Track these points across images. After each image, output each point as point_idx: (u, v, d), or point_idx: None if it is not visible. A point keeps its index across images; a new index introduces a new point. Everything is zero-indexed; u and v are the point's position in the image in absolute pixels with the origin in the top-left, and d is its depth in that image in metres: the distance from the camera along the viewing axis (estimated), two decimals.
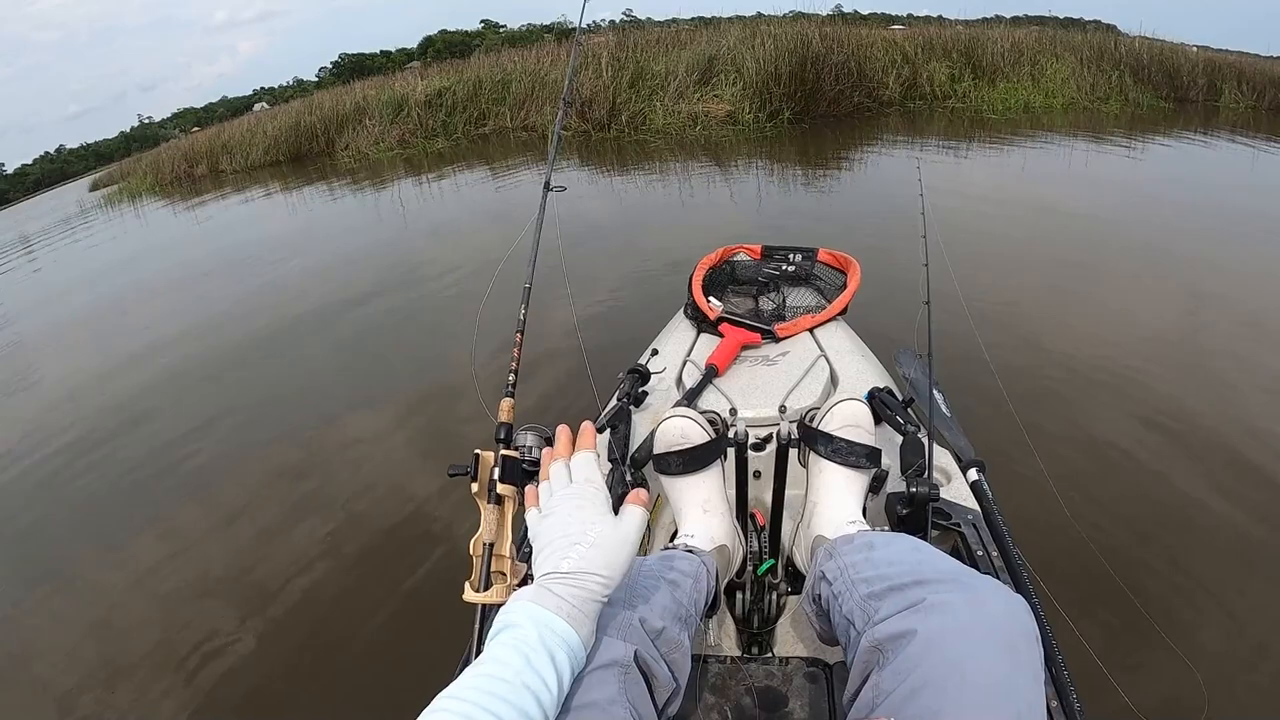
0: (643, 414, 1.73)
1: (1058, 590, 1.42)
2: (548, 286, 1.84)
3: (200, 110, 27.67)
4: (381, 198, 8.76)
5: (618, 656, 0.80)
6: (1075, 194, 6.32)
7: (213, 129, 17.02)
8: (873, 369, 1.86)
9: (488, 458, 1.13)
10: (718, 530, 1.23)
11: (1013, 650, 0.77)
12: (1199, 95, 11.54)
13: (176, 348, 4.71)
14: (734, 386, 1.71)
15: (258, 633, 2.13)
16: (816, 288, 2.31)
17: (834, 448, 1.23)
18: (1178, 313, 3.74)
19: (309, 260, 6.49)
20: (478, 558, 1.08)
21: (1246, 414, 2.76)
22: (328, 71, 26.08)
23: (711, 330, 2.01)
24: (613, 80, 9.55)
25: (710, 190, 6.91)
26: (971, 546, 1.36)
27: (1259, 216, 5.58)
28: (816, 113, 9.21)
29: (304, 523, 2.61)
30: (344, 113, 12.08)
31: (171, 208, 11.81)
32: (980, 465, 1.55)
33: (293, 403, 3.65)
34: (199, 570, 2.49)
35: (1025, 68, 10.36)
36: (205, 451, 3.26)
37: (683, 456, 1.24)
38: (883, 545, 1.02)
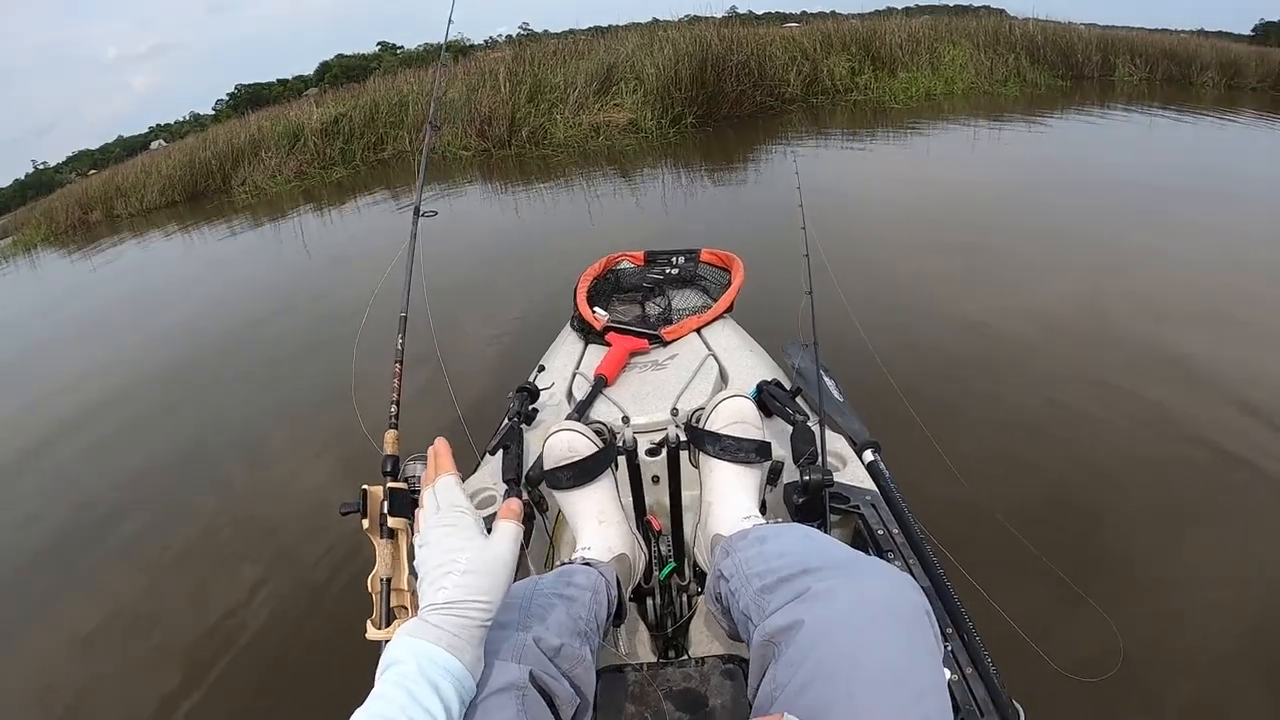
0: (534, 431, 1.71)
1: (965, 559, 1.42)
2: (433, 312, 1.84)
3: (96, 152, 26.41)
4: (281, 232, 8.36)
5: (512, 679, 0.79)
6: (970, 177, 6.46)
7: (107, 171, 16.15)
8: (761, 363, 1.88)
9: (376, 492, 1.10)
10: (615, 540, 1.23)
11: (903, 629, 0.76)
12: (1094, 71, 11.80)
13: (63, 400, 4.47)
14: (625, 394, 1.73)
15: (160, 687, 2.06)
16: (702, 288, 2.33)
17: (722, 446, 1.22)
18: (1064, 284, 3.83)
19: (196, 305, 6.19)
20: (376, 594, 1.07)
21: (1135, 378, 2.86)
22: (224, 104, 25.17)
23: (599, 340, 2.01)
24: (511, 95, 9.23)
25: (616, 200, 6.76)
26: (872, 527, 1.36)
27: (1149, 185, 5.74)
28: (720, 115, 9.05)
29: (204, 577, 2.54)
30: (239, 146, 11.48)
31: (68, 257, 11.10)
32: (875, 446, 1.57)
33: (185, 452, 3.51)
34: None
35: (924, 56, 10.41)
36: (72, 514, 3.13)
37: (572, 469, 1.24)
38: (774, 538, 1.01)
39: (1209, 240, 4.43)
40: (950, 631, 1.14)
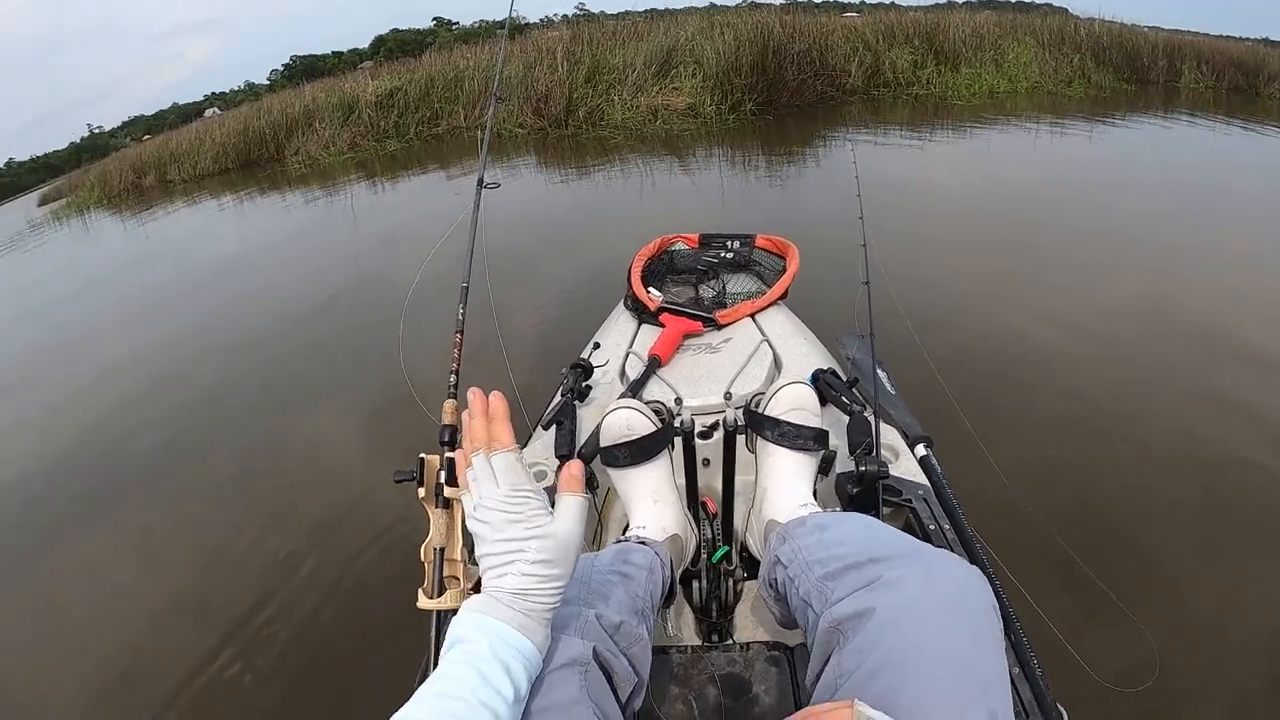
0: (587, 408, 1.71)
1: (1010, 561, 1.44)
2: (491, 285, 1.85)
3: (151, 118, 26.68)
4: (334, 204, 8.36)
5: (576, 655, 0.79)
6: (1031, 176, 6.26)
7: (161, 137, 16.31)
8: (816, 351, 1.87)
9: (433, 461, 1.08)
10: (669, 520, 1.23)
11: (972, 622, 0.76)
12: (1159, 76, 11.42)
13: (126, 368, 4.48)
14: (678, 376, 1.72)
15: (214, 648, 2.07)
16: (756, 273, 2.30)
17: (781, 432, 1.22)
18: (1123, 289, 3.73)
19: (254, 276, 6.19)
20: (429, 563, 1.05)
21: (1184, 386, 2.81)
22: (279, 74, 25.20)
23: (652, 321, 2.00)
24: (569, 75, 9.13)
25: (672, 184, 6.66)
26: (924, 521, 1.36)
27: (1216, 196, 5.50)
28: (780, 103, 8.89)
29: (260, 539, 2.54)
30: (293, 116, 11.51)
31: (121, 221, 11.22)
32: (928, 441, 1.56)
33: (241, 419, 3.54)
34: (159, 588, 2.45)
35: (987, 52, 10.12)
36: (155, 473, 3.16)
37: (629, 448, 1.23)
38: (834, 525, 1.01)
39: (1273, 254, 4.28)
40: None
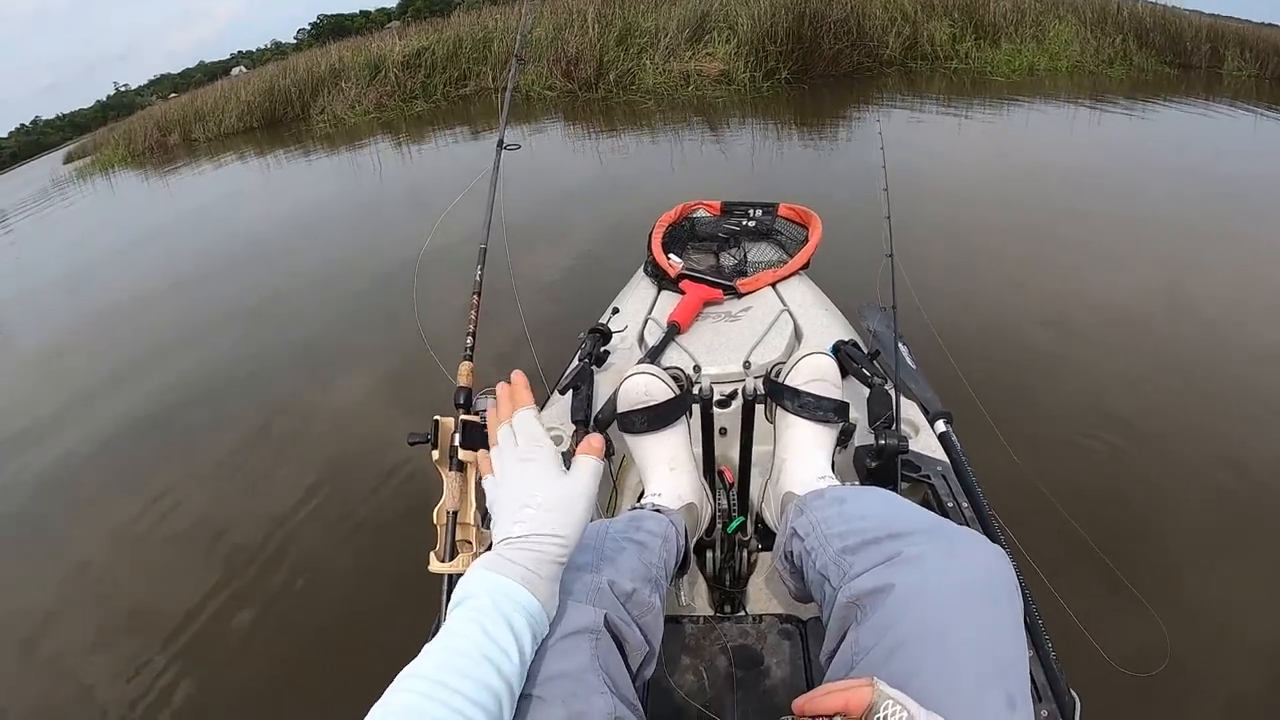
0: (605, 373, 1.70)
1: (1025, 542, 1.41)
2: (510, 247, 1.79)
3: (177, 76, 26.56)
4: (359, 163, 8.29)
5: (588, 623, 0.77)
6: (1065, 159, 6.05)
7: (187, 96, 16.19)
8: (837, 323, 1.84)
9: (448, 424, 1.07)
10: (685, 488, 1.21)
11: (993, 601, 0.74)
12: (1202, 61, 11.07)
13: (140, 324, 4.58)
14: (697, 343, 1.69)
15: (229, 604, 2.10)
16: (778, 242, 2.26)
17: (801, 402, 1.20)
18: (1148, 276, 3.64)
19: (271, 232, 6.23)
20: (442, 526, 1.05)
21: (1204, 377, 2.76)
22: (306, 33, 24.95)
23: (672, 287, 1.98)
24: (600, 37, 8.90)
25: (702, 151, 6.51)
26: (942, 498, 1.35)
27: (1253, 188, 5.25)
28: (815, 72, 8.63)
29: (269, 495, 2.54)
30: (319, 75, 11.38)
31: (145, 180, 11.17)
32: (948, 417, 1.55)
33: (256, 376, 3.54)
34: (175, 532, 2.48)
35: (1028, 28, 9.79)
36: (177, 424, 3.22)
37: (647, 414, 1.20)
38: (854, 499, 0.99)
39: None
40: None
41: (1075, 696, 1.00)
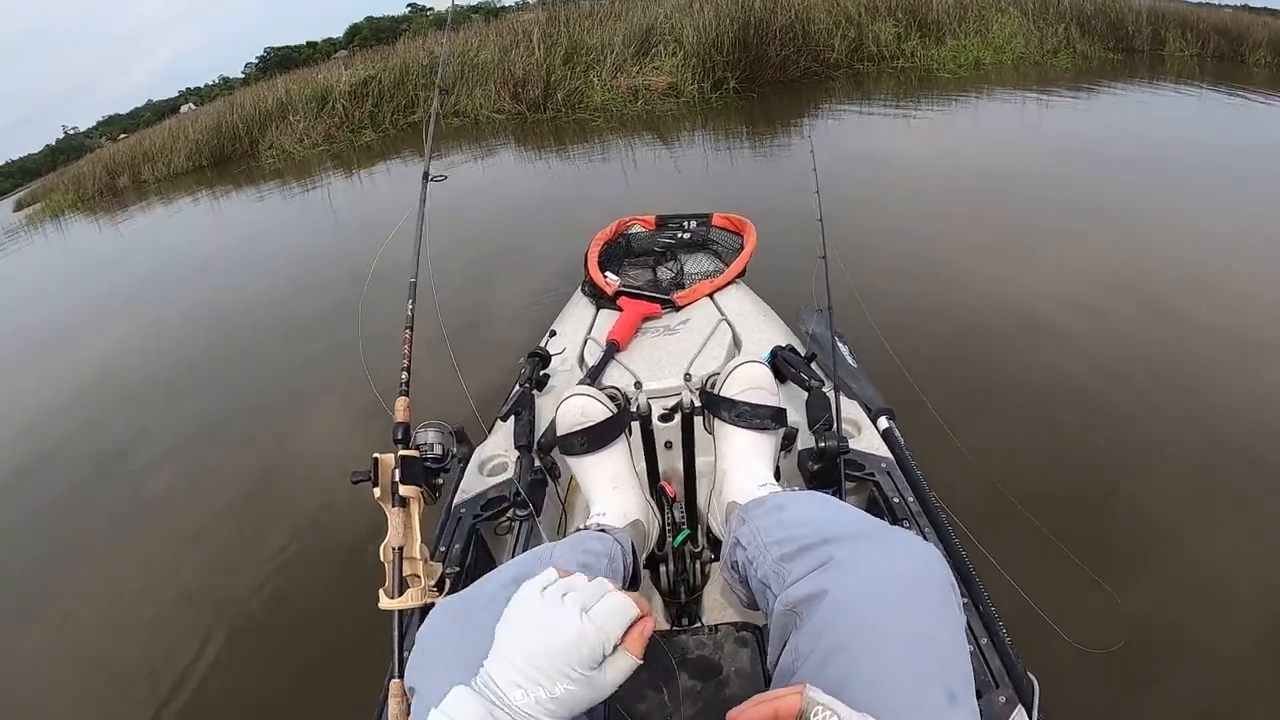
0: (546, 397, 1.69)
1: (977, 530, 1.42)
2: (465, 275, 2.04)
3: (126, 116, 25.95)
4: (308, 197, 8.12)
5: None
6: (1010, 150, 6.15)
7: (135, 136, 15.85)
8: (775, 328, 1.85)
9: (387, 460, 1.08)
10: (630, 506, 1.19)
11: (928, 601, 0.75)
12: (1145, 45, 11.21)
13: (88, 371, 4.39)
14: (637, 359, 1.69)
15: (185, 662, 2.00)
16: (714, 252, 2.27)
17: (737, 412, 1.19)
18: (1088, 261, 3.69)
19: (216, 273, 6.05)
20: (389, 563, 1.05)
21: (1149, 359, 2.79)
22: (253, 67, 24.55)
23: (611, 305, 1.97)
24: (546, 57, 8.79)
25: (654, 166, 6.45)
26: (887, 494, 1.35)
27: (1194, 166, 5.42)
28: (763, 80, 8.58)
29: (217, 544, 2.48)
30: (267, 110, 11.14)
31: (96, 224, 10.86)
32: (890, 413, 1.55)
33: (199, 424, 3.41)
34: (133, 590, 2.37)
35: (971, 24, 9.81)
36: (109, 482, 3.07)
37: (585, 435, 1.20)
38: (793, 505, 0.99)
39: (1248, 224, 4.13)
40: (965, 601, 1.11)
41: (1033, 679, 1.00)
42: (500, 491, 1.44)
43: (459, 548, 1.33)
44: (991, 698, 0.99)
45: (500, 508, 1.41)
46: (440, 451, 1.22)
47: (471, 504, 1.43)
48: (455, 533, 1.37)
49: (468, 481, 1.50)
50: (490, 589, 0.86)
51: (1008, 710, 0.97)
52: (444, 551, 1.33)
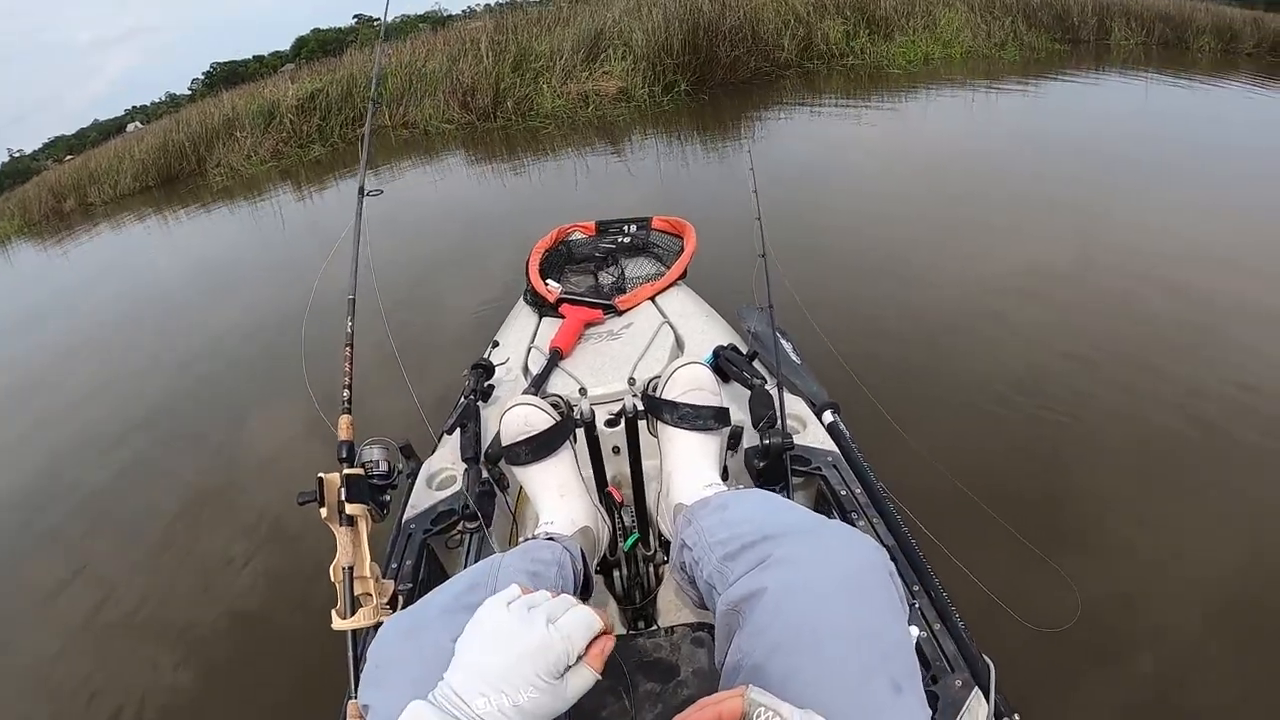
0: (492, 408, 1.68)
1: (926, 518, 1.39)
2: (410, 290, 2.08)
3: (72, 137, 25.19)
4: (257, 215, 7.91)
5: None
6: (957, 143, 6.20)
7: (81, 157, 15.40)
8: (717, 328, 1.85)
9: (333, 479, 1.06)
10: (578, 513, 1.19)
11: (867, 591, 0.75)
12: (1090, 35, 11.32)
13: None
14: (581, 366, 1.69)
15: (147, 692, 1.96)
16: (655, 255, 2.27)
17: (680, 414, 1.19)
18: (1031, 247, 3.73)
19: (164, 294, 5.88)
20: (339, 583, 1.03)
21: (1081, 341, 2.81)
22: (200, 83, 23.97)
23: (553, 313, 1.96)
24: (495, 65, 8.62)
25: (606, 171, 6.34)
26: (835, 488, 1.34)
27: (1135, 150, 5.49)
28: (714, 81, 8.48)
29: (167, 570, 2.44)
30: (214, 127, 10.81)
31: (44, 250, 10.48)
32: (835, 407, 1.55)
33: (141, 449, 3.32)
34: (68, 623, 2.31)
35: (919, 19, 9.80)
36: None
37: (529, 444, 1.19)
38: (735, 504, 0.99)
39: (1195, 209, 4.22)
40: (917, 589, 1.13)
41: (989, 662, 0.99)
42: (449, 505, 1.43)
43: (410, 564, 1.32)
44: (948, 682, 0.99)
45: (450, 521, 1.41)
46: (386, 468, 1.22)
47: (421, 519, 1.43)
48: (406, 549, 1.36)
49: (416, 496, 1.49)
50: (440, 601, 0.85)
51: (964, 694, 0.97)
52: (395, 568, 1.31)
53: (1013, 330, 2.94)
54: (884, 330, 3.02)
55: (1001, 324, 2.99)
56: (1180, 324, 2.92)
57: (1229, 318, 2.96)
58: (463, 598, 0.79)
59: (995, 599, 1.39)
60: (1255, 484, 2.10)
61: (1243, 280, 3.24)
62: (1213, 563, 1.85)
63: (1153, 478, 2.15)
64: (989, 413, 2.45)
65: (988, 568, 1.47)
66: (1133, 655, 1.65)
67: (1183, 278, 3.29)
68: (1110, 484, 2.12)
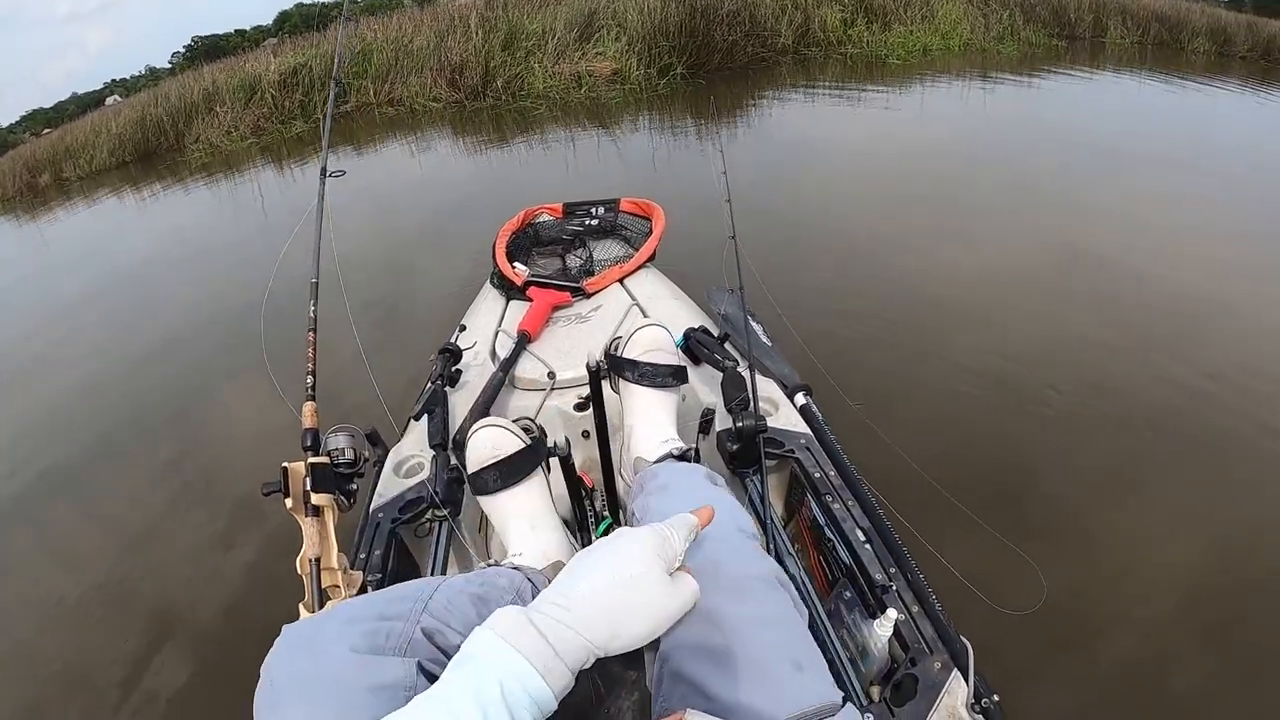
0: (459, 393, 1.62)
1: (899, 502, 1.46)
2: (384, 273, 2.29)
3: (50, 110, 24.33)
4: (238, 194, 7.50)
5: (396, 678, 0.68)
6: (946, 135, 6.01)
7: (58, 131, 14.80)
8: (687, 310, 1.83)
9: (297, 469, 1.03)
10: (551, 546, 1.10)
11: (762, 592, 0.80)
12: (1086, 32, 11.12)
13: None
14: (549, 349, 1.66)
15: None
16: (623, 237, 2.22)
17: (640, 372, 1.22)
18: (1006, 241, 3.70)
19: (141, 281, 5.43)
20: (306, 575, 0.99)
21: (1045, 329, 2.82)
22: (180, 57, 23.13)
23: (520, 296, 1.92)
24: (484, 43, 8.22)
25: (596, 155, 6.01)
26: (808, 470, 1.33)
27: (1122, 147, 5.40)
28: (711, 66, 8.13)
29: (130, 563, 2.30)
30: (193, 101, 10.33)
31: (19, 227, 9.97)
32: (807, 389, 1.54)
33: (104, 432, 3.13)
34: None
35: (917, 9, 9.51)
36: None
37: (498, 469, 1.10)
38: (673, 490, 0.99)
39: (1175, 207, 4.22)
40: (894, 571, 1.12)
41: (967, 643, 0.98)
42: (418, 493, 1.38)
43: (379, 554, 1.27)
44: (927, 664, 0.98)
45: (419, 509, 1.36)
46: (352, 456, 1.17)
47: (389, 507, 1.37)
48: (374, 538, 1.30)
49: (384, 485, 1.43)
50: (351, 611, 0.76)
51: (944, 675, 0.96)
52: (364, 559, 1.26)
53: (981, 322, 2.91)
54: (851, 312, 2.98)
55: (973, 316, 2.95)
56: (1149, 312, 2.94)
57: (1195, 307, 2.98)
58: (381, 608, 0.74)
59: (960, 577, 1.37)
60: (1218, 471, 2.12)
61: (1204, 269, 3.31)
62: (1173, 548, 1.89)
63: (1119, 465, 2.16)
64: (952, 400, 2.44)
65: (956, 552, 1.48)
66: (1096, 638, 1.67)
67: (1144, 266, 3.31)
68: (1076, 475, 2.11)
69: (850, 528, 1.20)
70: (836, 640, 1.11)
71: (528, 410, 1.50)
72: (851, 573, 1.17)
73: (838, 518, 1.23)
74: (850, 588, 1.18)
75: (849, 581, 1.18)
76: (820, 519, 1.28)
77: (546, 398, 1.53)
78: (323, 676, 0.66)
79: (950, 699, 0.94)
